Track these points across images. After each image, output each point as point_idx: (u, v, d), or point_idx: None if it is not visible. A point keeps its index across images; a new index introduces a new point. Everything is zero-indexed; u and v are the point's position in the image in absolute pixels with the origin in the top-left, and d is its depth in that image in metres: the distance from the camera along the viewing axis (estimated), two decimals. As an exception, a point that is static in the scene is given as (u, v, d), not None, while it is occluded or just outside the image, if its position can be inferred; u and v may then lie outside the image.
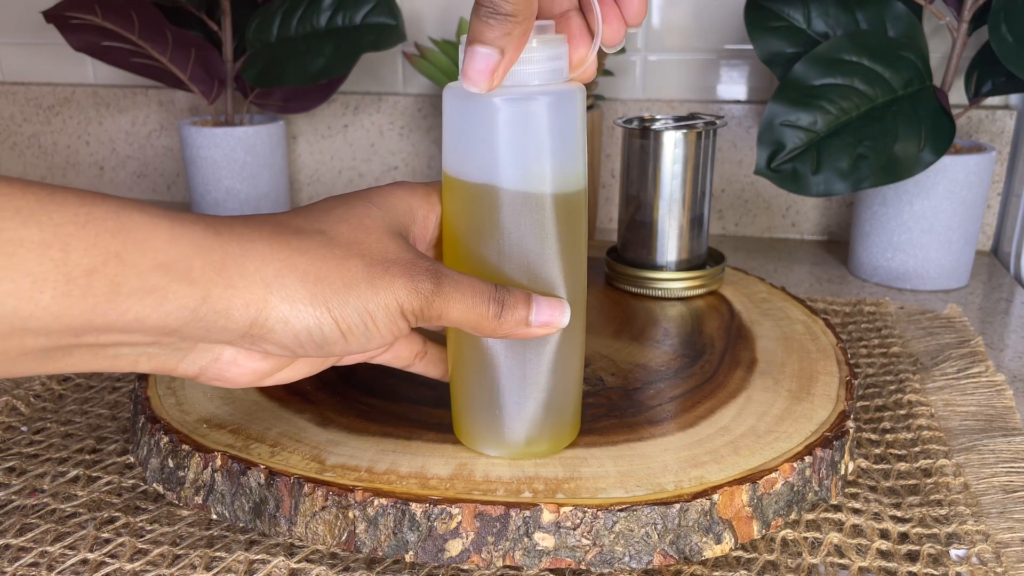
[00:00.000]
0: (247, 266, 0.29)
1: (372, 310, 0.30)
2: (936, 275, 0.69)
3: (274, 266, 0.29)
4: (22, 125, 0.99)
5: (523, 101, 0.31)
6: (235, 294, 0.28)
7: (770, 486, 0.35)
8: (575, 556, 0.33)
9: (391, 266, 0.31)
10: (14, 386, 0.50)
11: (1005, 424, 0.46)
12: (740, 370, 0.45)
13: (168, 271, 0.27)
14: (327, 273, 0.30)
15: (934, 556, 0.36)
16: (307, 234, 0.31)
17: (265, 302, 0.29)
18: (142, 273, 0.26)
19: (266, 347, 0.31)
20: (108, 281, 0.25)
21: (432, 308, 0.31)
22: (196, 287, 0.27)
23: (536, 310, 0.33)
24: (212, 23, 0.78)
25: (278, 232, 0.30)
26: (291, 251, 0.30)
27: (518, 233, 0.33)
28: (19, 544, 0.36)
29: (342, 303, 0.30)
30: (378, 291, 0.30)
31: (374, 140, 0.91)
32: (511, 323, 0.32)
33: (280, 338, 0.30)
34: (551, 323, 0.33)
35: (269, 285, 0.29)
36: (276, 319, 0.29)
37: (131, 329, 0.27)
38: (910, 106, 0.61)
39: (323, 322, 0.30)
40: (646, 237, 0.57)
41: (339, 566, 0.35)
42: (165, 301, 0.27)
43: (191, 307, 0.27)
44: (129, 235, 0.26)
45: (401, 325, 0.32)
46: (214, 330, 0.29)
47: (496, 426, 0.36)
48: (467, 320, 0.32)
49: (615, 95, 0.85)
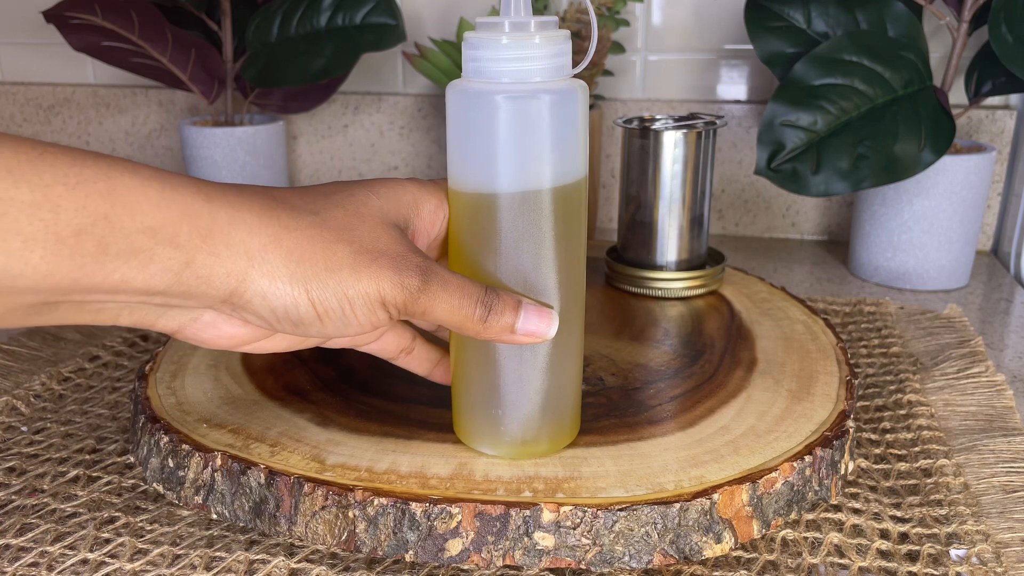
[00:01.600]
0: (233, 236, 0.29)
1: (351, 297, 0.31)
2: (936, 275, 0.69)
3: (260, 239, 0.29)
4: (22, 125, 0.99)
5: (525, 98, 0.31)
6: (217, 262, 0.29)
7: (770, 486, 0.35)
8: (575, 556, 0.33)
9: (379, 256, 0.31)
10: (14, 386, 0.50)
11: (1005, 424, 0.46)
12: (740, 370, 0.45)
13: (155, 234, 0.27)
14: (312, 254, 0.30)
15: (934, 556, 0.36)
16: (300, 213, 0.31)
17: (246, 274, 0.29)
18: (130, 235, 0.27)
19: (245, 316, 0.31)
20: (96, 242, 0.26)
21: (416, 304, 0.31)
22: (181, 251, 0.28)
23: (523, 318, 0.33)
24: (212, 23, 0.78)
25: (270, 207, 0.30)
26: (279, 227, 0.30)
27: (518, 229, 0.33)
28: (19, 544, 0.36)
29: (321, 286, 0.30)
30: (360, 279, 0.31)
31: (374, 140, 0.91)
32: (496, 328, 0.33)
33: (258, 310, 0.30)
34: (537, 333, 0.33)
35: (252, 258, 0.29)
36: (254, 292, 0.30)
37: (116, 290, 0.27)
38: (910, 106, 0.61)
39: (300, 302, 0.30)
40: (646, 237, 0.57)
41: (339, 566, 0.35)
42: (150, 263, 0.27)
43: (174, 270, 0.28)
44: (118, 197, 0.26)
45: (380, 315, 0.32)
46: (195, 295, 0.29)
47: (495, 426, 0.36)
48: (452, 320, 0.32)
49: (615, 95, 0.85)
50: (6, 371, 0.53)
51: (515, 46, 0.31)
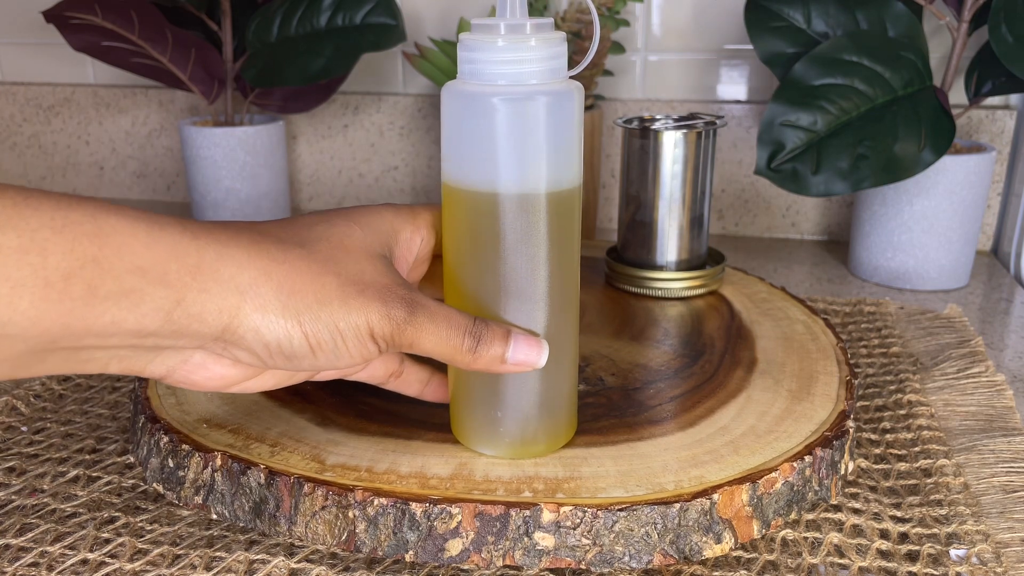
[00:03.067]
0: (222, 272, 0.29)
1: (343, 329, 0.30)
2: (936, 275, 0.69)
3: (250, 274, 0.29)
4: (22, 125, 0.99)
5: (521, 100, 0.31)
6: (208, 299, 0.28)
7: (770, 486, 0.35)
8: (575, 556, 0.33)
9: (366, 288, 0.31)
10: (14, 386, 0.50)
11: (1005, 424, 0.46)
12: (740, 370, 0.45)
13: (145, 274, 0.27)
14: (302, 286, 0.30)
15: (934, 556, 0.36)
16: (287, 245, 0.31)
17: (238, 309, 0.29)
18: (119, 276, 0.26)
19: (237, 354, 0.31)
20: (85, 285, 0.26)
21: (404, 336, 0.31)
22: (171, 290, 0.27)
23: (513, 348, 0.33)
24: (212, 23, 0.78)
25: (257, 241, 0.30)
26: (268, 260, 0.30)
27: (514, 232, 0.33)
28: (19, 544, 0.36)
29: (314, 318, 0.30)
30: (350, 311, 0.30)
31: (374, 140, 0.91)
32: (486, 359, 0.33)
33: (251, 346, 0.30)
34: (527, 362, 0.33)
35: (243, 293, 0.29)
36: (248, 327, 0.29)
37: (107, 332, 0.27)
38: (910, 106, 0.61)
39: (293, 335, 0.30)
40: (646, 237, 0.57)
41: (339, 566, 0.35)
42: (141, 304, 0.27)
43: (166, 309, 0.27)
44: (106, 239, 0.26)
45: (371, 348, 0.31)
46: (187, 334, 0.29)
47: (493, 426, 0.36)
48: (441, 351, 0.32)
49: (615, 95, 0.85)
50: (6, 371, 0.53)
51: (511, 48, 0.31)
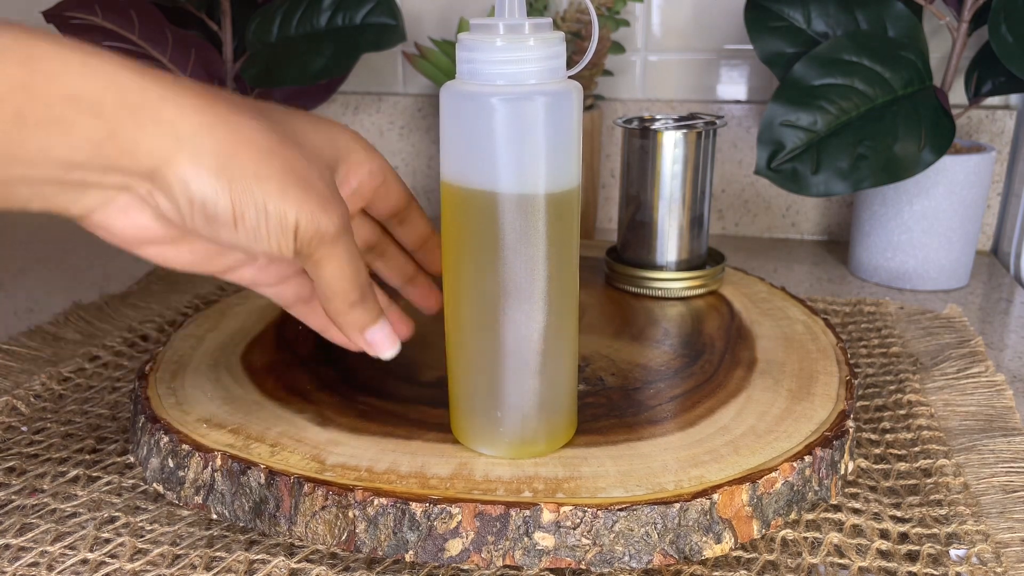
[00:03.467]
0: (163, 113, 0.28)
1: (270, 212, 0.30)
2: (936, 275, 0.69)
3: (192, 124, 0.28)
4: (22, 125, 0.99)
5: (520, 100, 0.31)
6: (143, 136, 0.27)
7: (770, 486, 0.35)
8: (575, 556, 0.33)
9: (310, 188, 0.30)
10: (14, 386, 0.50)
11: (1005, 424, 0.46)
12: (740, 370, 0.45)
13: (77, 103, 0.26)
14: (245, 155, 0.29)
15: (934, 556, 0.36)
16: (242, 111, 0.30)
17: (172, 156, 0.28)
18: (50, 104, 0.25)
19: (160, 202, 0.30)
20: (13, 111, 0.25)
21: (318, 249, 0.31)
22: (104, 121, 0.26)
23: (377, 327, 0.34)
24: (212, 23, 0.78)
25: (211, 95, 0.29)
26: (216, 117, 0.29)
27: (513, 232, 0.33)
28: (19, 544, 0.36)
29: (245, 189, 0.29)
30: (285, 199, 0.30)
31: (374, 140, 0.91)
32: (352, 319, 0.33)
33: (176, 196, 0.29)
34: (376, 346, 0.35)
35: (181, 140, 0.28)
36: (177, 176, 0.28)
37: (34, 161, 0.26)
38: (910, 106, 0.61)
39: (220, 198, 0.29)
40: (646, 237, 0.57)
41: (339, 566, 0.35)
42: (71, 132, 0.26)
43: (96, 140, 0.27)
44: (37, 65, 0.25)
45: (287, 243, 0.31)
46: (116, 168, 0.28)
47: (493, 426, 0.36)
48: (330, 286, 0.32)
49: (615, 95, 0.85)
50: (6, 371, 0.53)
51: (510, 48, 0.31)
